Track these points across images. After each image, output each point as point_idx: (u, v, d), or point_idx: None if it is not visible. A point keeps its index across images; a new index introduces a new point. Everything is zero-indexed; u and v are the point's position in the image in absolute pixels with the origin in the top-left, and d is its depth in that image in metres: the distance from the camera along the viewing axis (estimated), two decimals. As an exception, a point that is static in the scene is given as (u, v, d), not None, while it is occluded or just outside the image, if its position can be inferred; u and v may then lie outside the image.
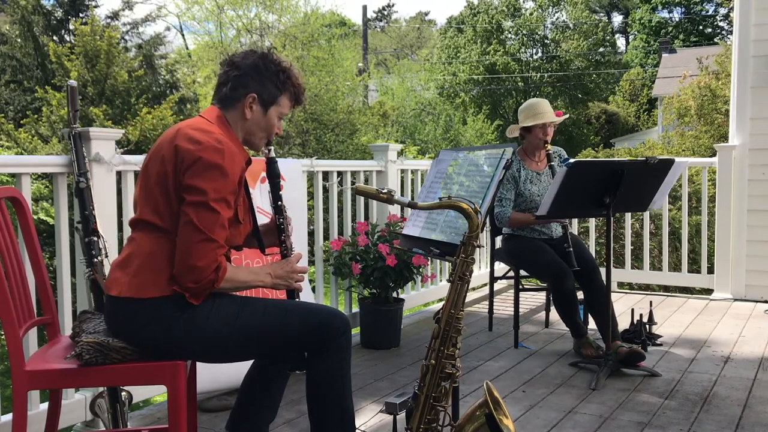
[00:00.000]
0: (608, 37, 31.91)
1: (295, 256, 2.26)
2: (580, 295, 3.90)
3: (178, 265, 1.95)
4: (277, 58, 2.17)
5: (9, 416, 2.50)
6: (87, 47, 11.39)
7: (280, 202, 2.29)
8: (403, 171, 4.99)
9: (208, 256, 1.93)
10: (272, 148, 2.28)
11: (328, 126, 14.54)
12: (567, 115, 4.30)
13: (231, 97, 2.13)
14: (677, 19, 34.68)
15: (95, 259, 2.57)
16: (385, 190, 2.16)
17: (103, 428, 2.63)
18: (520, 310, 4.46)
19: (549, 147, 3.99)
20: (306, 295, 3.48)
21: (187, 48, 23.97)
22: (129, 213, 3.04)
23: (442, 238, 2.62)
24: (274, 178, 2.30)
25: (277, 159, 2.36)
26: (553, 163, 3.94)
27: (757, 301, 5.25)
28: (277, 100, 2.16)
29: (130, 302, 1.98)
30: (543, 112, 3.94)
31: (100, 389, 2.63)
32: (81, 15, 14.85)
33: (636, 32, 35.54)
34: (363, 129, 15.01)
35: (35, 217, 6.55)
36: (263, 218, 2.63)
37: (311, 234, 4.26)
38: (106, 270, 2.55)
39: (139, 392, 2.94)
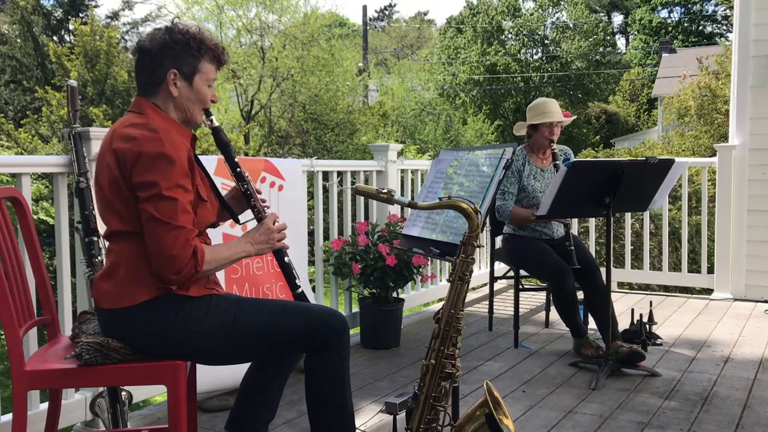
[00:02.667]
0: (608, 38, 31.90)
1: (270, 216, 2.20)
2: (580, 295, 3.90)
3: (154, 263, 1.93)
4: (183, 27, 2.09)
5: (9, 416, 2.49)
6: (87, 47, 11.39)
7: (238, 169, 2.22)
8: (403, 171, 4.99)
9: (178, 244, 1.90)
10: (213, 117, 2.18)
11: (328, 126, 14.54)
12: (574, 117, 4.31)
13: (152, 83, 2.07)
14: (677, 19, 34.69)
15: (95, 259, 2.57)
16: (385, 190, 2.15)
17: (103, 428, 2.63)
18: (520, 310, 4.46)
19: (555, 146, 4.00)
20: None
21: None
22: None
23: (442, 238, 2.62)
24: (223, 147, 2.21)
25: (221, 127, 2.24)
26: (557, 162, 3.95)
27: (757, 301, 5.25)
28: (198, 68, 2.08)
29: (124, 312, 1.98)
30: (551, 111, 3.96)
31: (100, 389, 2.63)
32: (81, 15, 14.86)
33: (636, 32, 35.55)
34: (363, 129, 15.00)
35: (35, 217, 6.55)
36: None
37: (311, 234, 4.26)
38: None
39: (139, 392, 2.94)
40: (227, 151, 2.22)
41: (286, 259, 2.25)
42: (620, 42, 38.86)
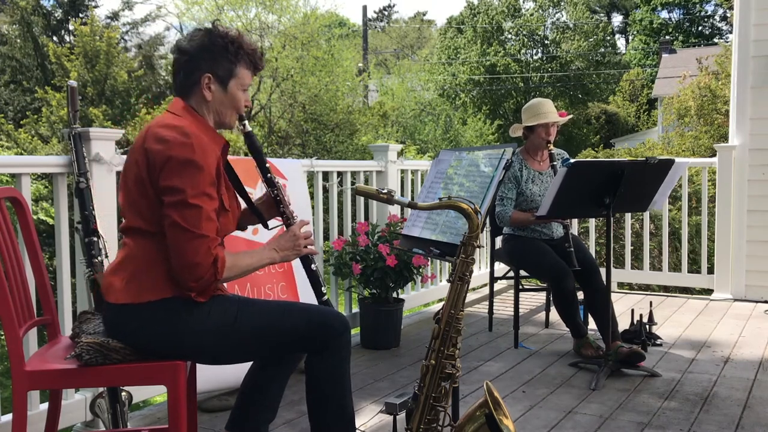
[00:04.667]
0: (608, 38, 31.91)
1: (298, 224, 2.21)
2: (580, 295, 3.90)
3: (175, 268, 1.93)
4: (223, 31, 2.09)
5: (9, 416, 2.49)
6: (87, 47, 11.40)
7: (269, 175, 2.24)
8: (403, 171, 4.99)
9: (200, 252, 1.91)
10: (246, 122, 2.19)
11: (328, 126, 14.54)
12: (570, 116, 4.30)
13: (188, 84, 2.07)
14: (677, 20, 34.69)
15: (95, 259, 2.57)
16: (385, 191, 2.15)
17: (103, 428, 2.63)
18: (520, 310, 4.46)
19: (551, 147, 3.99)
20: (307, 295, 3.48)
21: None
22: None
23: (442, 238, 2.62)
24: (255, 152, 2.23)
25: (254, 133, 2.26)
26: (555, 163, 3.94)
27: (757, 302, 5.25)
28: (233, 72, 2.08)
29: (127, 308, 1.98)
30: (546, 111, 3.95)
31: (100, 389, 2.63)
32: (81, 15, 14.86)
33: (636, 32, 35.55)
34: (363, 129, 15.00)
35: (35, 217, 6.55)
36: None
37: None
38: (106, 270, 2.55)
39: (139, 392, 2.94)
40: (259, 156, 2.24)
41: (313, 266, 2.25)
42: (620, 42, 38.90)
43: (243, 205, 2.32)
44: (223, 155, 2.10)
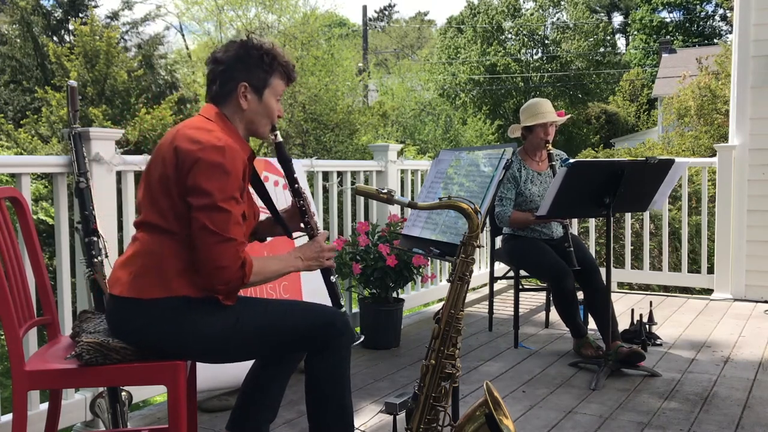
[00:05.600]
0: (608, 38, 31.91)
1: (322, 235, 2.24)
2: (580, 295, 3.90)
3: (202, 271, 1.95)
4: (258, 43, 2.14)
5: (9, 416, 2.50)
6: (86, 47, 11.39)
7: (296, 185, 2.25)
8: (403, 171, 4.99)
9: (228, 256, 1.93)
10: (278, 132, 2.23)
11: (328, 126, 14.53)
12: (569, 116, 4.30)
13: (223, 93, 2.11)
14: (677, 20, 34.68)
15: (95, 259, 2.57)
16: (385, 190, 2.15)
17: (103, 428, 2.63)
18: (520, 310, 4.46)
19: (550, 147, 3.99)
20: (310, 295, 3.48)
21: (188, 48, 23.97)
22: (129, 213, 3.04)
23: (442, 238, 2.62)
24: (285, 162, 2.26)
25: (284, 143, 2.29)
26: (554, 164, 3.94)
27: (757, 301, 5.25)
28: (268, 83, 2.13)
29: (130, 302, 1.98)
30: (544, 111, 3.94)
31: (100, 389, 2.63)
32: (80, 15, 14.86)
33: (636, 32, 35.55)
34: (363, 129, 14.99)
35: (35, 217, 6.55)
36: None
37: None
38: (107, 270, 2.55)
39: (139, 392, 2.94)
40: (288, 166, 2.26)
41: (332, 278, 2.27)
42: (620, 42, 38.88)
43: (262, 215, 2.33)
44: (249, 163, 2.11)
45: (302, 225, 2.29)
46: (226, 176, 1.94)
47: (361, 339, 2.31)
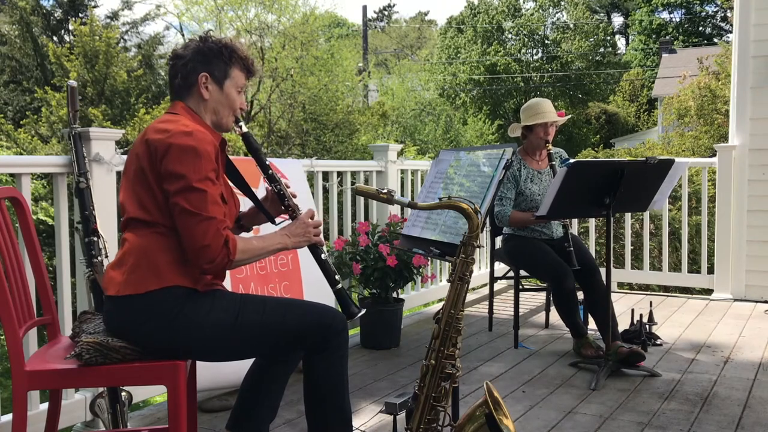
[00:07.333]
0: (608, 38, 31.92)
1: (307, 212, 2.26)
2: (580, 295, 3.90)
3: (188, 254, 1.98)
4: (216, 38, 2.19)
5: (9, 416, 2.49)
6: (86, 47, 11.39)
7: (270, 172, 2.28)
8: (403, 171, 4.99)
9: (210, 234, 1.95)
10: (243, 124, 2.25)
11: (328, 126, 14.52)
12: (569, 116, 4.30)
13: (185, 86, 2.15)
14: (677, 20, 34.69)
15: (95, 259, 2.57)
16: (385, 191, 2.16)
17: (103, 428, 2.63)
18: (520, 310, 4.46)
19: (550, 147, 3.99)
20: (312, 294, 3.48)
21: (187, 48, 23.86)
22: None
23: (442, 238, 2.62)
24: (254, 152, 2.29)
25: (251, 133, 2.32)
26: (554, 163, 3.94)
27: (757, 302, 5.25)
28: (228, 73, 2.16)
29: (128, 300, 1.99)
30: (544, 111, 3.95)
31: (100, 389, 2.63)
32: (80, 15, 14.85)
33: (636, 33, 35.55)
34: (363, 129, 14.99)
35: (35, 217, 6.55)
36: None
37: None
38: (106, 270, 2.55)
39: (139, 392, 2.94)
40: (258, 155, 2.28)
41: (323, 255, 2.27)
42: (620, 42, 38.89)
43: (245, 206, 2.34)
44: (221, 149, 2.15)
45: (283, 208, 2.30)
46: (198, 158, 1.97)
47: (362, 311, 2.28)
